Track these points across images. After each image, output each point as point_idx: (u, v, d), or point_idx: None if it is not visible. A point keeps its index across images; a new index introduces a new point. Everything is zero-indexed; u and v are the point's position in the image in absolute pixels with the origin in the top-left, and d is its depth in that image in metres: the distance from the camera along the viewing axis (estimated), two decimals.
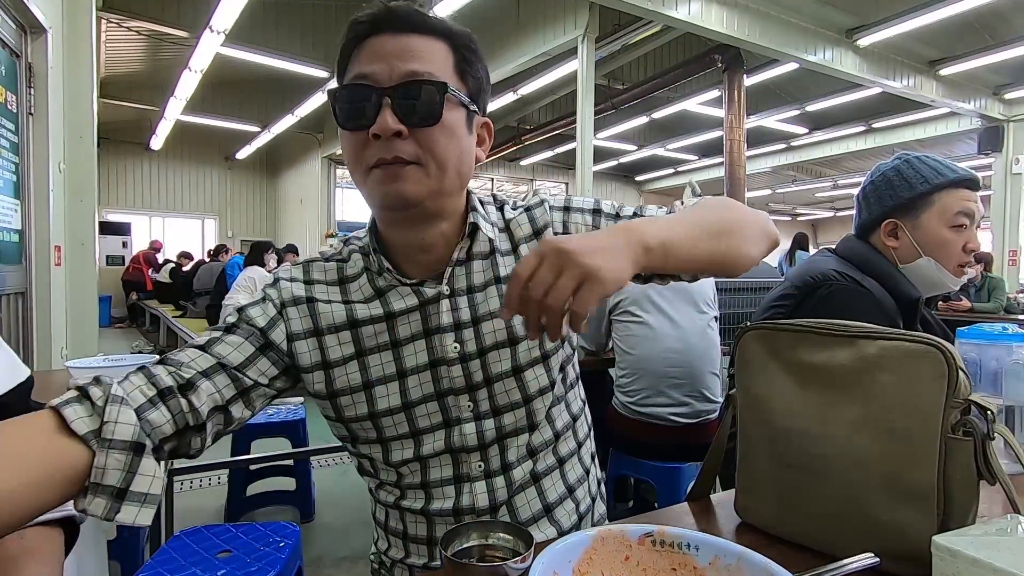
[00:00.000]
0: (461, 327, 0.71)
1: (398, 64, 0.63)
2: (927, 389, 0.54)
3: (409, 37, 0.64)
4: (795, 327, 0.65)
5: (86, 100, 2.91)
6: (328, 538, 2.35)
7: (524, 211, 0.77)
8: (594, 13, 5.29)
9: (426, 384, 0.71)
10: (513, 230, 0.76)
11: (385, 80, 0.62)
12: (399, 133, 0.62)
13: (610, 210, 0.78)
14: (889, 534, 0.56)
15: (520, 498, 0.74)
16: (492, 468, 0.73)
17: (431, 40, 0.65)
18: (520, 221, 0.76)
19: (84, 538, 1.28)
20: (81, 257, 2.94)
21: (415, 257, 0.71)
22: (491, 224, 0.75)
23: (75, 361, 1.62)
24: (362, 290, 0.72)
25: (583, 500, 0.80)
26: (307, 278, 0.73)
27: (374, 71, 0.63)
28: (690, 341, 1.87)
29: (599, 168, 13.04)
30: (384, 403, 0.70)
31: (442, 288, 0.71)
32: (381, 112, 0.61)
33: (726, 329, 2.44)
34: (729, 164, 6.76)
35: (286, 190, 13.16)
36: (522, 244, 0.76)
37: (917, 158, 1.16)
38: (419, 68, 0.63)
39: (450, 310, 0.71)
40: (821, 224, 19.99)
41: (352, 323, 0.70)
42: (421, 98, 0.62)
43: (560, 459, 0.77)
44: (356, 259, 0.74)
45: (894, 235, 1.16)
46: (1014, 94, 7.63)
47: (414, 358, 0.71)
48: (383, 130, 0.61)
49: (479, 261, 0.73)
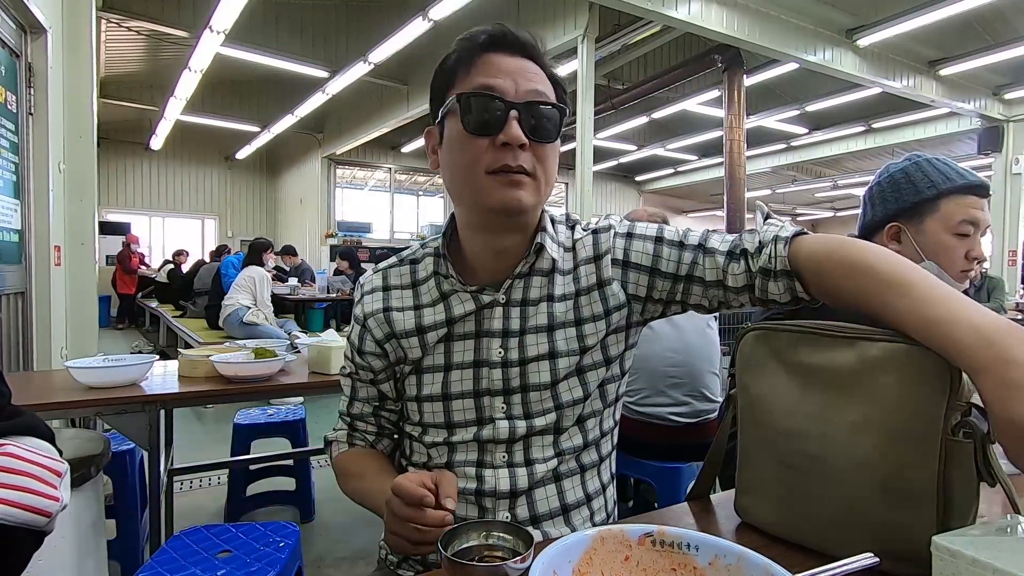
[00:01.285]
0: (509, 335, 0.76)
1: (522, 82, 0.70)
2: (928, 390, 0.54)
3: (525, 61, 0.72)
4: (796, 327, 0.65)
5: (86, 100, 2.90)
6: (328, 538, 2.35)
7: (591, 233, 0.81)
8: (594, 13, 5.29)
9: (467, 381, 0.76)
10: (578, 251, 0.80)
11: (511, 94, 0.69)
12: (523, 145, 0.68)
13: (673, 237, 0.77)
14: (889, 534, 0.56)
15: (540, 491, 0.77)
16: (515, 460, 0.76)
17: (540, 70, 0.74)
18: (585, 243, 0.80)
19: (84, 538, 1.28)
20: (81, 257, 2.94)
21: (488, 264, 0.78)
22: (558, 244, 0.80)
23: (75, 361, 1.62)
24: (430, 293, 0.80)
25: (598, 512, 0.82)
26: (385, 284, 0.83)
27: (500, 84, 0.69)
28: (689, 340, 1.87)
29: (599, 168, 13.04)
30: (428, 389, 0.78)
31: (498, 296, 0.77)
32: (509, 123, 0.68)
33: (726, 329, 2.44)
34: (729, 164, 6.76)
35: (286, 190, 13.16)
36: (581, 265, 0.79)
37: (927, 160, 1.13)
38: (541, 89, 0.71)
39: (502, 317, 0.77)
40: (821, 224, 19.99)
41: (419, 329, 0.78)
42: (544, 117, 0.70)
43: (582, 467, 0.79)
44: (428, 262, 0.82)
45: (897, 239, 1.15)
46: (1014, 94, 7.63)
47: (462, 355, 0.77)
48: (513, 139, 0.68)
49: (538, 277, 0.78)
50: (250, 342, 2.21)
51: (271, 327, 4.45)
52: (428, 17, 5.20)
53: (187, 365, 1.79)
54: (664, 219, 2.12)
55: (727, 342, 2.17)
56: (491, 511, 0.75)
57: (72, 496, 1.21)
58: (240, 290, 4.48)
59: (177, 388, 1.65)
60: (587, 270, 0.79)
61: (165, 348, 6.49)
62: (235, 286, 4.52)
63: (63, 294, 2.84)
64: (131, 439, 1.61)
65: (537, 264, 0.77)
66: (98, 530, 1.37)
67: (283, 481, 2.56)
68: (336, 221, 11.41)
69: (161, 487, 1.81)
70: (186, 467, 2.37)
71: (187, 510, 2.51)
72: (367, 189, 12.68)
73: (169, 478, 2.14)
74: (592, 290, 0.78)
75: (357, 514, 2.59)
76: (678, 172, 14.18)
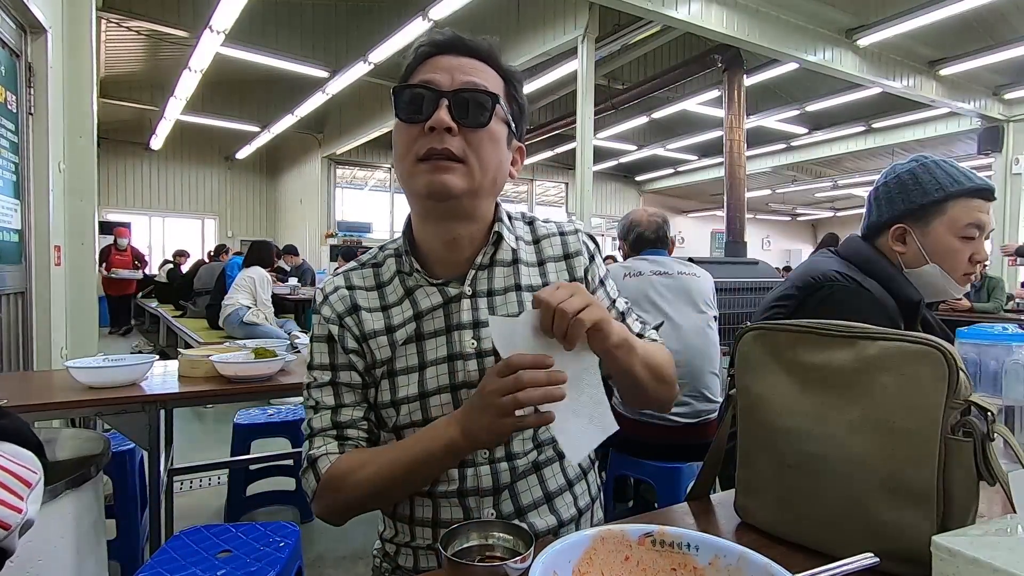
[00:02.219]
0: (479, 325, 0.77)
1: (459, 75, 0.72)
2: (927, 390, 0.54)
3: (471, 60, 0.74)
4: (795, 327, 0.65)
5: (86, 100, 2.90)
6: (328, 538, 2.35)
7: (559, 235, 0.85)
8: (594, 13, 5.29)
9: (443, 376, 0.76)
10: (543, 247, 0.84)
11: (446, 86, 0.71)
12: (450, 129, 0.69)
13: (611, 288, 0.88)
14: (889, 534, 0.56)
15: (522, 484, 0.77)
16: (496, 456, 0.76)
17: (487, 66, 0.75)
18: (552, 242, 0.85)
19: (84, 538, 1.28)
20: (81, 257, 2.93)
21: (443, 256, 0.78)
22: (515, 236, 0.83)
23: (75, 361, 1.62)
24: (395, 291, 0.80)
25: (581, 496, 0.83)
26: (348, 284, 0.82)
27: (436, 78, 0.72)
28: (689, 341, 1.87)
29: (599, 168, 13.04)
30: (404, 391, 0.76)
31: (464, 289, 0.78)
32: (438, 109, 0.69)
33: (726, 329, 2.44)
34: (729, 164, 6.75)
35: (286, 190, 13.16)
36: (549, 262, 0.83)
37: (934, 162, 1.12)
38: (476, 80, 0.72)
39: (470, 309, 0.77)
40: (821, 224, 19.98)
41: (388, 329, 0.78)
42: (474, 103, 0.71)
43: (560, 454, 0.81)
44: (390, 263, 0.82)
45: (902, 240, 1.14)
46: (1014, 94, 7.63)
47: (435, 351, 0.77)
48: (438, 123, 0.69)
49: (501, 268, 0.80)
50: (250, 342, 2.21)
51: (271, 327, 4.45)
52: (428, 17, 5.20)
53: (187, 365, 1.79)
54: (664, 219, 2.13)
55: (727, 342, 2.17)
56: (475, 510, 0.75)
57: (72, 496, 1.21)
58: (240, 290, 4.48)
59: (177, 388, 1.65)
60: (557, 267, 0.83)
61: (165, 348, 6.48)
62: (235, 286, 4.53)
63: (63, 294, 2.84)
64: (131, 439, 1.61)
65: (498, 255, 0.80)
66: (98, 530, 1.37)
67: (283, 481, 2.56)
68: (336, 221, 11.41)
69: (161, 487, 1.81)
70: (186, 467, 2.37)
71: (187, 510, 2.51)
72: (367, 189, 12.67)
73: (169, 478, 2.14)
74: None
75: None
76: (678, 172, 14.17)
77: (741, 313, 3.45)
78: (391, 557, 0.82)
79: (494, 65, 0.76)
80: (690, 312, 1.91)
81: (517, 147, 0.81)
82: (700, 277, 2.00)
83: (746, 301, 3.66)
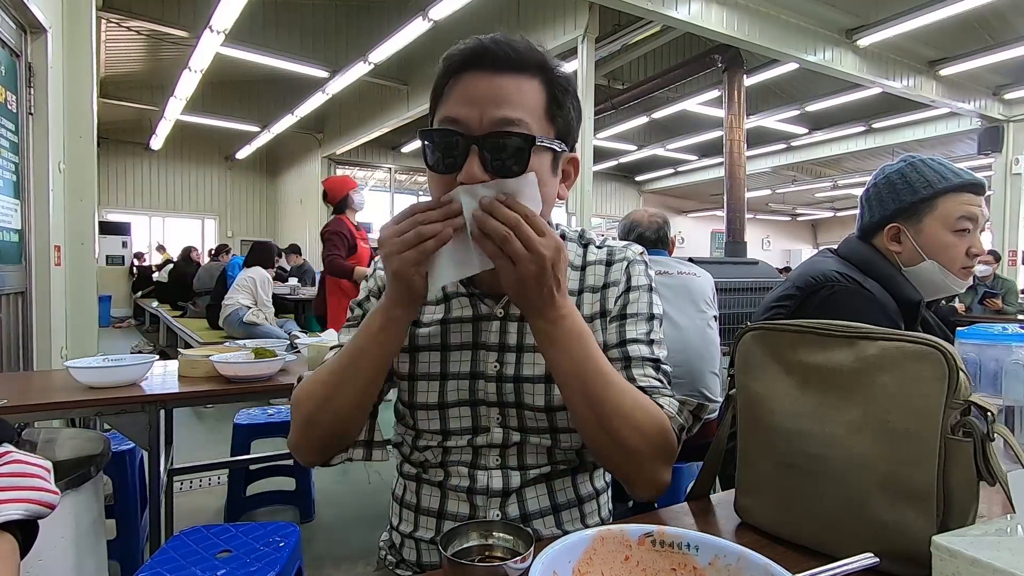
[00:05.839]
0: (505, 349, 0.76)
1: (489, 110, 0.64)
2: (927, 390, 0.54)
3: (502, 78, 0.66)
4: (795, 327, 0.65)
5: (86, 100, 2.90)
6: (328, 538, 2.35)
7: (604, 264, 0.80)
8: (594, 13, 5.29)
9: (463, 391, 0.76)
10: (587, 275, 0.80)
11: (475, 126, 0.64)
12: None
13: (655, 329, 0.80)
14: (889, 534, 0.56)
15: (531, 490, 0.77)
16: (509, 464, 0.77)
17: (524, 80, 0.67)
18: (597, 271, 0.80)
19: (84, 538, 1.28)
20: (81, 257, 2.93)
21: (485, 275, 0.74)
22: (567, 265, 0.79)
23: (75, 361, 1.62)
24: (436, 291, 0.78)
25: (590, 515, 0.81)
26: None
27: (464, 116, 0.65)
28: (689, 340, 1.87)
29: (599, 168, 13.04)
30: (423, 397, 0.77)
31: (496, 310, 0.76)
32: (469, 160, 0.64)
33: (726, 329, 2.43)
34: (729, 164, 6.75)
35: (286, 190, 13.15)
36: (587, 292, 0.79)
37: (922, 161, 1.14)
38: (510, 115, 0.65)
39: (499, 331, 0.76)
40: (821, 224, 19.99)
41: (416, 322, 0.77)
42: (508, 149, 0.64)
43: (573, 470, 0.80)
44: None
45: (897, 239, 1.15)
46: (1014, 94, 7.62)
47: (458, 365, 0.76)
48: (470, 178, 0.63)
49: None
50: (250, 342, 2.21)
51: (271, 327, 4.46)
52: (428, 17, 5.20)
53: (187, 365, 1.79)
54: (665, 220, 2.13)
55: (727, 342, 2.17)
56: (482, 508, 0.76)
57: (72, 496, 1.22)
58: (240, 290, 4.49)
59: (177, 388, 1.65)
60: (593, 297, 0.79)
61: (165, 348, 6.49)
62: (235, 286, 4.54)
63: (63, 294, 2.84)
64: (131, 439, 1.61)
65: None
66: (98, 530, 1.37)
67: (283, 481, 2.56)
68: None
69: (161, 487, 1.81)
70: (186, 467, 2.37)
71: (187, 510, 2.51)
72: (367, 189, 12.67)
73: (169, 478, 2.14)
74: (595, 319, 0.78)
75: (357, 514, 2.59)
76: (678, 172, 14.18)
77: (741, 313, 3.45)
78: (396, 549, 0.83)
79: (533, 72, 0.68)
80: (690, 311, 1.91)
81: (568, 159, 0.74)
82: (700, 277, 2.00)
83: (746, 301, 3.65)
